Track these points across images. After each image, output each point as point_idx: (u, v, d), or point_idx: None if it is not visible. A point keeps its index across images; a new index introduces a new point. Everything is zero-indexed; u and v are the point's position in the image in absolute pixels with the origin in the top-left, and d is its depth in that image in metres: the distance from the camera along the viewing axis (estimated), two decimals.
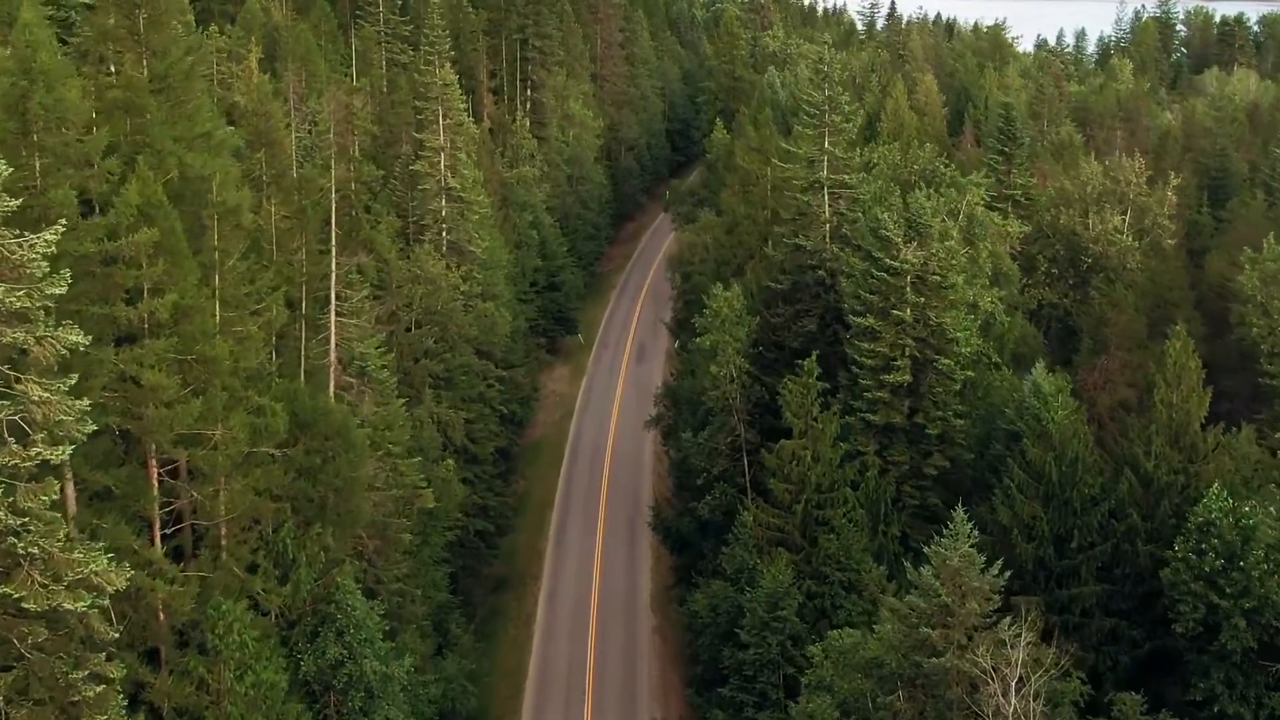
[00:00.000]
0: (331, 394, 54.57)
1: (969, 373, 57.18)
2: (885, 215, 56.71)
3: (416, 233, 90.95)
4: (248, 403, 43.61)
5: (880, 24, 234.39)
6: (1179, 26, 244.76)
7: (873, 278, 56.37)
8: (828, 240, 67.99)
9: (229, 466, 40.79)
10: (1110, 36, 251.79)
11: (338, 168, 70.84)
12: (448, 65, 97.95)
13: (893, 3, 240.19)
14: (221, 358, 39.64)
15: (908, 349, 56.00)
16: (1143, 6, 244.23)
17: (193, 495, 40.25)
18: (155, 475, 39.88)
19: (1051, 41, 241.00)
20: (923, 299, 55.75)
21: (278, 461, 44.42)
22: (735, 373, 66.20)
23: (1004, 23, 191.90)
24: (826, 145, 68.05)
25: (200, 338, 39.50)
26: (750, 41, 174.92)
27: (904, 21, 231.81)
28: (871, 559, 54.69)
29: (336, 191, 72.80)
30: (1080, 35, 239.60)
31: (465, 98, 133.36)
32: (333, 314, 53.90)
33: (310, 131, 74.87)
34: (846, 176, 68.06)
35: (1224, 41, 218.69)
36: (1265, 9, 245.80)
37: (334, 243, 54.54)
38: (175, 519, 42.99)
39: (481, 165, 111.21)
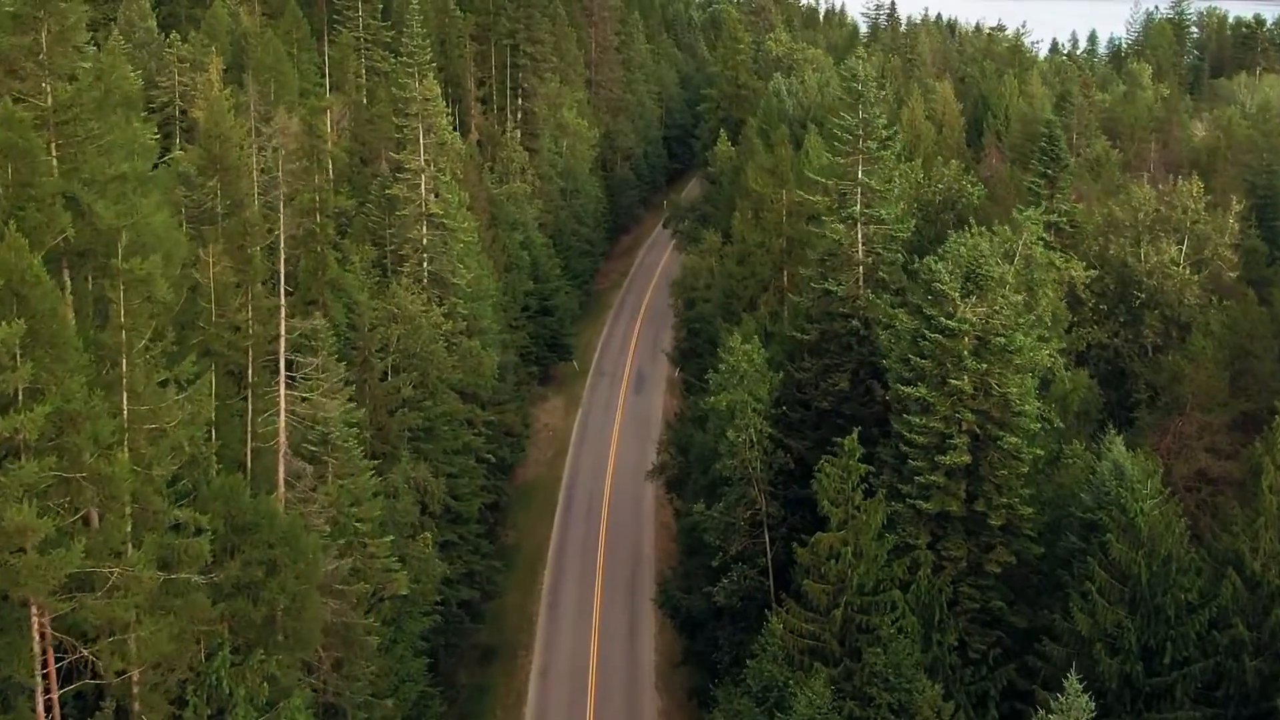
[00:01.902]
0: (281, 483, 45.66)
1: (1038, 450, 48.39)
2: (939, 265, 47.90)
3: (395, 263, 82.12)
4: (164, 519, 34.78)
5: (884, 26, 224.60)
6: (1192, 28, 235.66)
7: (924, 339, 47.54)
8: (861, 285, 59.13)
9: (133, 612, 31.94)
10: (1120, 38, 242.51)
11: (299, 201, 62.06)
12: (430, 76, 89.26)
13: (892, 3, 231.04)
14: (121, 475, 30.82)
15: (966, 424, 47.20)
16: (1156, 7, 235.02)
17: (82, 652, 31.40)
18: (38, 629, 31.04)
19: (1052, 44, 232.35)
20: (984, 365, 46.92)
21: (204, 589, 35.56)
22: (756, 437, 57.45)
23: (1024, 26, 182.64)
24: (861, 175, 59.20)
25: (92, 449, 30.66)
26: (753, 46, 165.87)
27: (904, 23, 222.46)
28: (925, 674, 45.95)
29: (296, 228, 64.12)
30: (1092, 37, 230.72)
31: (451, 108, 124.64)
32: (282, 389, 44.96)
33: (272, 153, 65.90)
34: (884, 211, 59.19)
35: (1245, 45, 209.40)
36: None
37: (283, 303, 45.58)
38: (73, 672, 34.18)
39: (468, 182, 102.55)
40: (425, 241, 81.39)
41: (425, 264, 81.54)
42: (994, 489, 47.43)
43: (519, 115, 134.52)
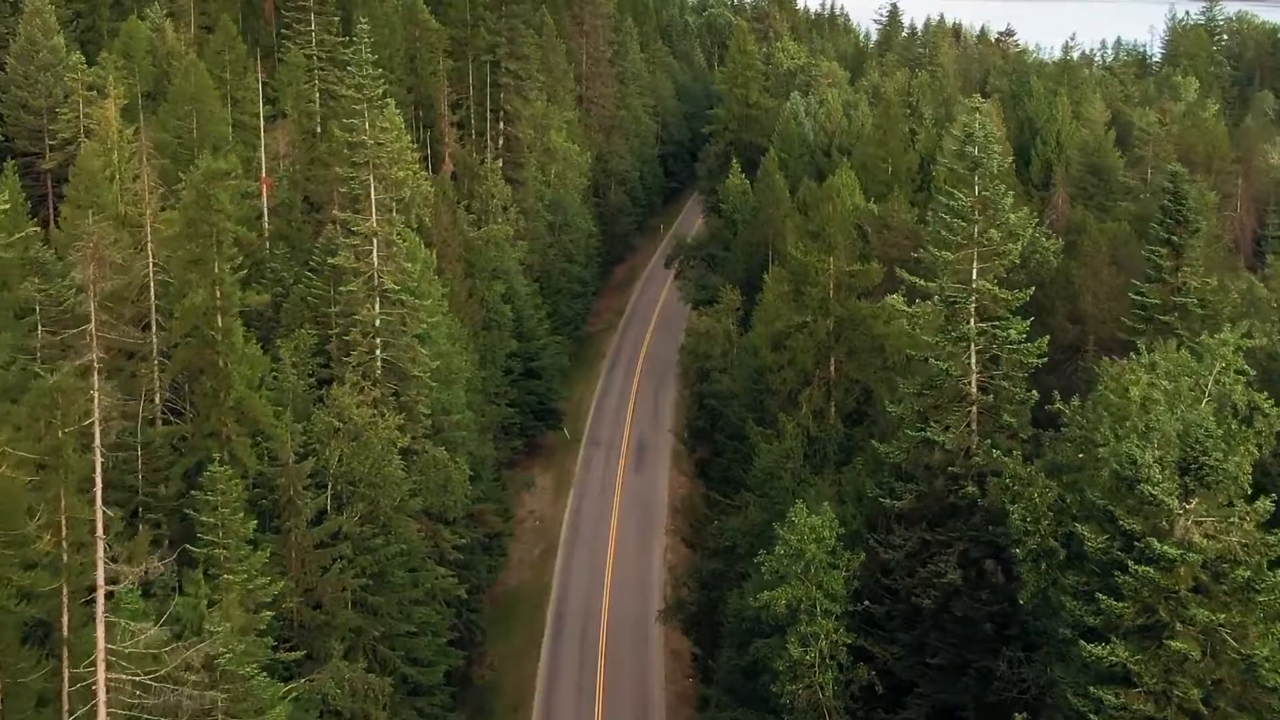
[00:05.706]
0: None
1: None
2: (1146, 455, 30.85)
3: (341, 350, 64.91)
4: None
5: (899, 33, 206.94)
6: (1222, 35, 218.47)
7: (1124, 571, 30.64)
8: (975, 429, 42.13)
9: None
10: (1143, 44, 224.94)
11: (190, 301, 44.84)
12: (391, 106, 72.27)
13: (894, 6, 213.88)
14: None
15: (1187, 703, 30.36)
16: (1186, 13, 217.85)
17: None
18: None
19: (1083, 54, 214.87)
20: (1218, 615, 30.07)
21: None
22: (829, 649, 40.43)
23: (1073, 38, 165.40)
24: (976, 277, 42.27)
25: None
26: (762, 59, 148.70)
27: (907, 29, 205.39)
28: None
29: (189, 328, 46.95)
30: (1118, 44, 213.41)
31: (421, 135, 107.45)
32: (100, 671, 27.61)
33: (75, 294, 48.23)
34: (1013, 327, 42.10)
35: None
36: None
37: (101, 534, 28.22)
38: None
39: (439, 228, 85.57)
40: (378, 323, 64.10)
41: (378, 351, 64.30)
42: None
43: (500, 141, 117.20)
